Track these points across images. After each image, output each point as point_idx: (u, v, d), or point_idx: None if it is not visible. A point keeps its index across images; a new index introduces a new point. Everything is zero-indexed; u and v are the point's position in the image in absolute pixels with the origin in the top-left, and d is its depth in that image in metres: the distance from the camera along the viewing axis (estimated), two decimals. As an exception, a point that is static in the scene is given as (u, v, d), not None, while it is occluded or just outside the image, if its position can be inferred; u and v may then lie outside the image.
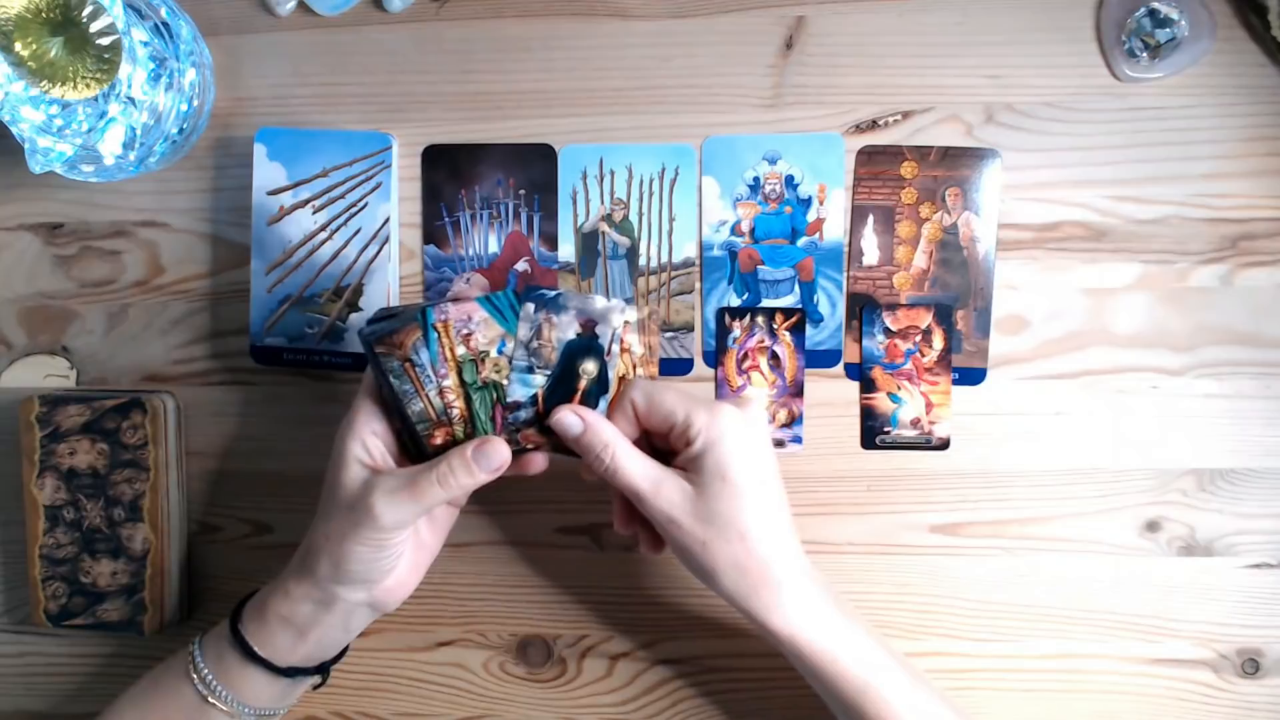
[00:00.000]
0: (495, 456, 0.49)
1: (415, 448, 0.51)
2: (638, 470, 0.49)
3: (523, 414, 0.50)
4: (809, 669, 0.49)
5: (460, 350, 0.49)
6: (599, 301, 0.49)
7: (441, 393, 0.49)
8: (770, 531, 0.48)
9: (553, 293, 0.49)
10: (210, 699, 0.52)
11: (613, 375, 0.50)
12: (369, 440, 0.50)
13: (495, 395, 0.50)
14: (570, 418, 0.49)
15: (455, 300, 0.49)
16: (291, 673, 0.52)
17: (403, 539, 0.50)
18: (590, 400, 0.50)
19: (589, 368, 0.50)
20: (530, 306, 0.49)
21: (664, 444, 0.51)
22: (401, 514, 0.48)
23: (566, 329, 0.49)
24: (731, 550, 0.48)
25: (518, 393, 0.50)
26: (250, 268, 0.62)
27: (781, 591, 0.48)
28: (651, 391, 0.49)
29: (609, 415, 0.50)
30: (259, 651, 0.52)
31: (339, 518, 0.50)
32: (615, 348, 0.49)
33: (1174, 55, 0.58)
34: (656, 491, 0.48)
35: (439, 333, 0.49)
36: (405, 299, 0.63)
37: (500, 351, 0.49)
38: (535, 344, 0.49)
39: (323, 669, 0.55)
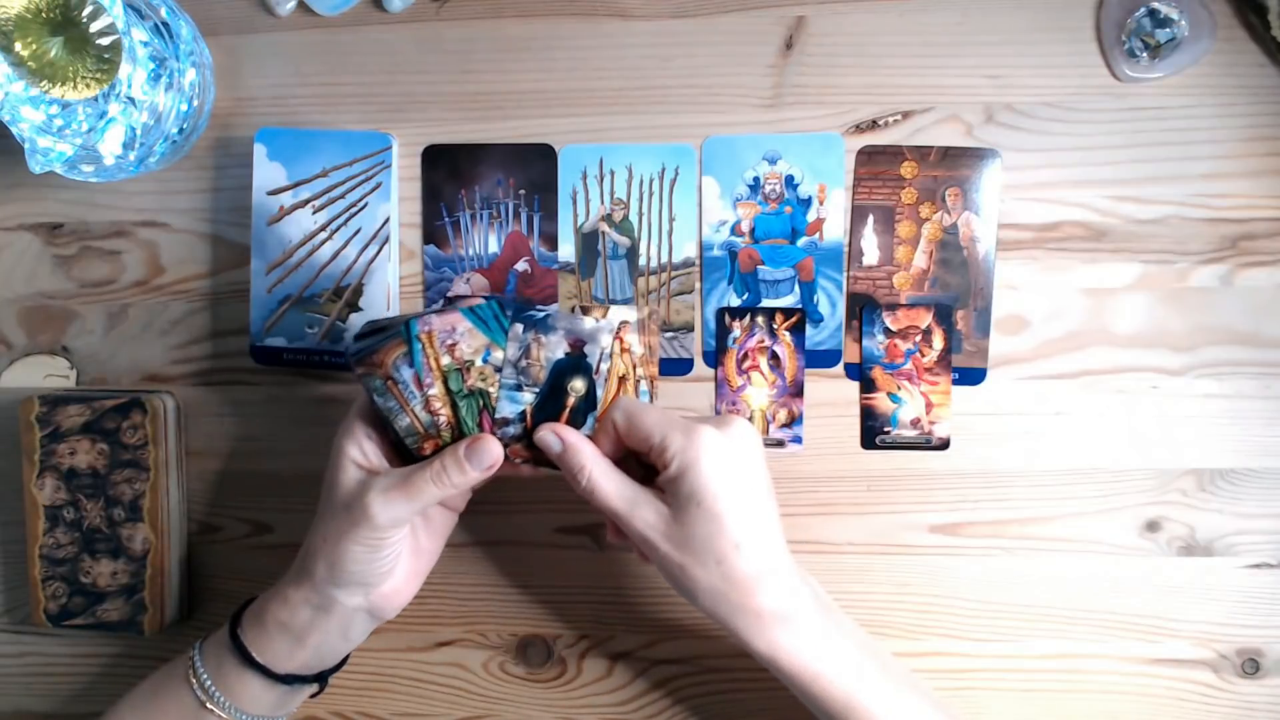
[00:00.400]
0: (487, 455, 0.49)
1: (409, 456, 0.51)
2: (613, 491, 0.48)
3: (511, 429, 0.50)
4: (793, 687, 0.49)
5: (445, 360, 0.49)
6: (588, 322, 0.50)
7: (428, 402, 0.49)
8: (749, 556, 0.47)
9: (541, 313, 0.50)
10: (208, 704, 0.52)
11: (601, 394, 0.50)
12: (365, 444, 0.51)
13: (481, 403, 0.50)
14: (550, 437, 0.49)
15: (439, 312, 0.50)
16: (289, 680, 0.52)
17: (399, 539, 0.50)
18: (578, 417, 0.51)
19: (577, 386, 0.50)
20: (519, 327, 0.49)
21: (649, 461, 0.50)
22: (396, 511, 0.48)
23: (555, 348, 0.50)
24: (708, 575, 0.47)
25: (506, 409, 0.50)
26: (250, 268, 0.62)
27: (761, 617, 0.47)
28: (632, 411, 0.49)
29: (594, 432, 0.51)
30: (257, 658, 0.52)
31: (336, 519, 0.50)
32: (604, 367, 0.50)
33: (1174, 55, 0.58)
34: (631, 514, 0.48)
35: (423, 343, 0.49)
36: (405, 299, 0.63)
37: (485, 361, 0.50)
38: (524, 363, 0.50)
39: (321, 678, 0.55)
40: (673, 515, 0.47)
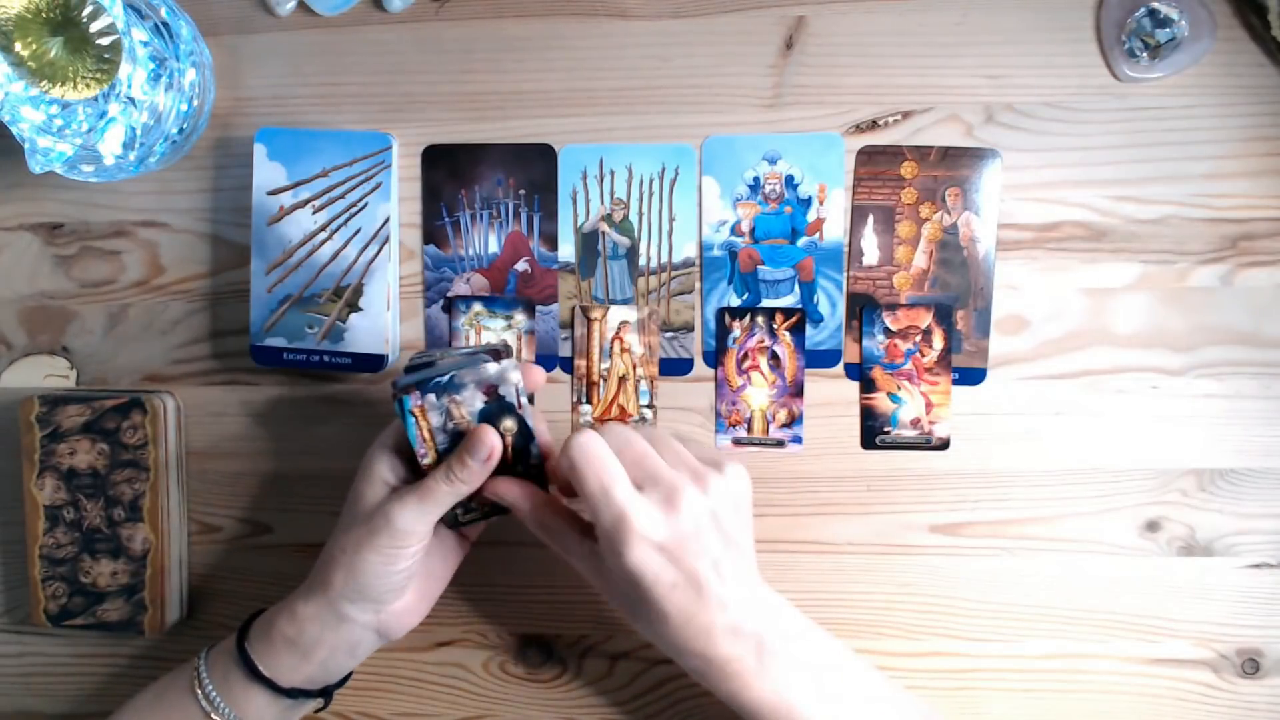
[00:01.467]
0: (483, 444, 0.49)
1: None
2: (547, 535, 0.51)
3: None
4: None
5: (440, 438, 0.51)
6: (490, 367, 0.50)
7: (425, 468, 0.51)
8: (679, 627, 0.47)
9: (445, 377, 0.49)
10: (213, 716, 0.52)
11: (534, 423, 0.51)
12: (396, 462, 0.51)
13: None
14: (503, 488, 0.51)
15: (437, 388, 0.50)
16: (294, 694, 0.53)
17: (415, 551, 0.50)
18: (521, 454, 0.51)
19: (509, 425, 0.51)
20: (431, 396, 0.50)
21: None
22: (413, 516, 0.49)
23: (473, 401, 0.50)
24: (642, 626, 0.49)
25: None
26: (250, 268, 0.62)
27: (710, 664, 0.47)
28: (578, 464, 0.47)
29: (551, 464, 0.52)
30: (264, 671, 0.52)
31: (356, 530, 0.50)
32: (524, 399, 0.50)
33: (1174, 55, 0.58)
34: (568, 557, 0.51)
35: (416, 417, 0.50)
36: (405, 299, 0.63)
37: (478, 422, 0.51)
38: (450, 425, 0.50)
39: (325, 693, 0.55)
40: (604, 571, 0.49)
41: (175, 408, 0.64)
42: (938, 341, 0.60)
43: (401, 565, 0.50)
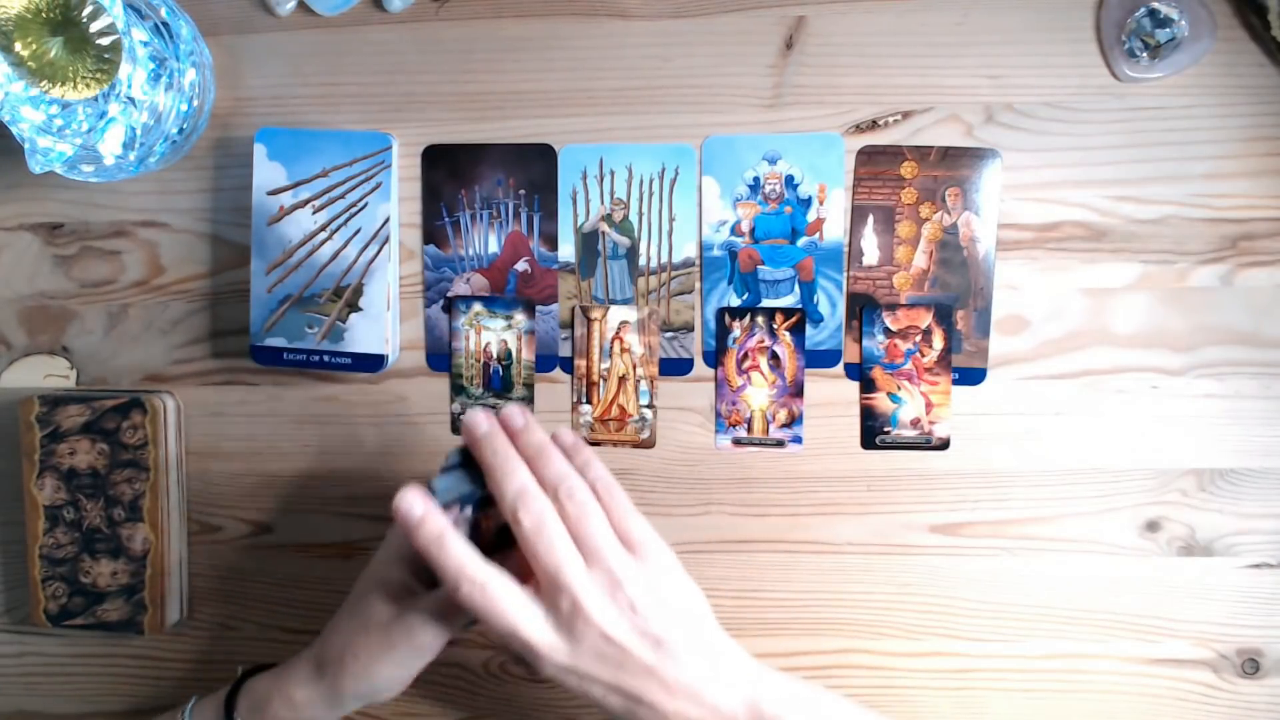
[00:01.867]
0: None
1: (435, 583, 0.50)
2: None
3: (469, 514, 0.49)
4: None
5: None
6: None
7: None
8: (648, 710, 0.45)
9: (479, 490, 0.47)
10: None
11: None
12: (404, 569, 0.51)
13: None
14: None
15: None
16: None
17: (435, 656, 0.50)
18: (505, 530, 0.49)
19: None
20: (460, 509, 0.48)
21: None
22: (435, 632, 0.48)
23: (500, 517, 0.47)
24: None
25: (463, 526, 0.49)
26: (250, 268, 0.62)
27: None
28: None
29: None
30: None
31: (372, 638, 0.50)
32: None
33: (1174, 55, 0.58)
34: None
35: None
36: (405, 299, 0.63)
37: None
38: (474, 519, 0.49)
39: None
40: None
41: (175, 408, 0.64)
42: (938, 341, 0.60)
43: (418, 669, 0.50)
